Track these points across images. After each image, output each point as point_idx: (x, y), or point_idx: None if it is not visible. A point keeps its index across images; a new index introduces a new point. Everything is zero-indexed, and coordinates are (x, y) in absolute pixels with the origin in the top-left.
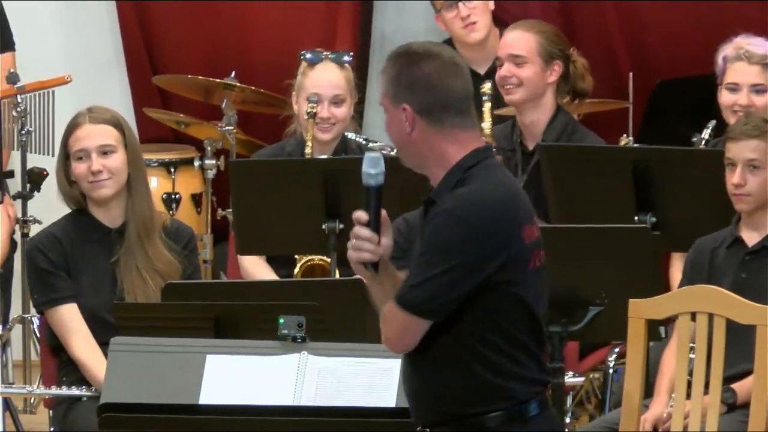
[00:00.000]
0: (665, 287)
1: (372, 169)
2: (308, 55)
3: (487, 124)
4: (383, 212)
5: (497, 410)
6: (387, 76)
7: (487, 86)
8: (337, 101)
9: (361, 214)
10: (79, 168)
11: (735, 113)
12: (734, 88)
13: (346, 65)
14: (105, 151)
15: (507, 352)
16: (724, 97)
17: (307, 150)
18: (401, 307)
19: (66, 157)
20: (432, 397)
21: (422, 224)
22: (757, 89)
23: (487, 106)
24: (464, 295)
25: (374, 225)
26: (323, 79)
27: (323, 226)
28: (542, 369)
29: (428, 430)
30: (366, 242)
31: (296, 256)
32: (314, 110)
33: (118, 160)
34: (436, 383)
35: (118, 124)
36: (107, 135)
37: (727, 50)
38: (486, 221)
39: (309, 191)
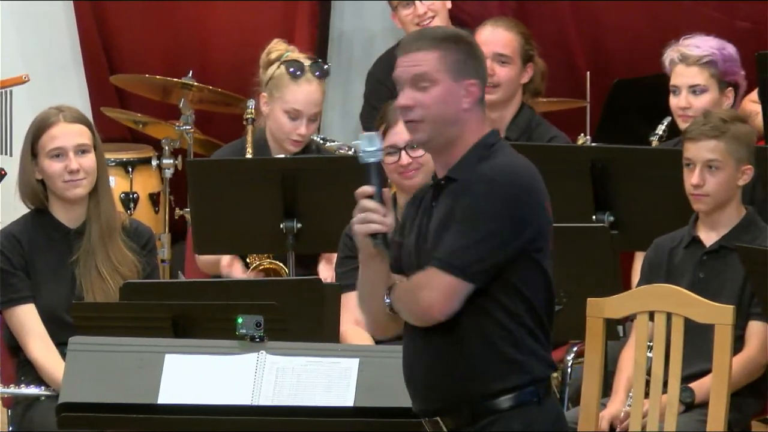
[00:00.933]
0: (624, 286)
1: (369, 147)
2: (291, 68)
3: None
4: (386, 190)
5: (514, 389)
6: (451, 52)
7: None
8: (314, 118)
9: (366, 188)
10: (53, 166)
11: (680, 116)
12: (675, 90)
13: (324, 80)
14: (82, 150)
15: (527, 324)
16: (670, 100)
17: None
18: (447, 271)
19: (33, 155)
20: (449, 376)
21: (431, 204)
22: (695, 90)
23: None
24: (506, 260)
25: (378, 200)
26: (306, 98)
27: (281, 225)
28: (549, 350)
29: (437, 418)
30: (373, 213)
31: (248, 260)
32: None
33: (91, 159)
34: (456, 359)
35: (90, 124)
36: (83, 134)
37: (669, 54)
38: (527, 189)
39: (267, 190)
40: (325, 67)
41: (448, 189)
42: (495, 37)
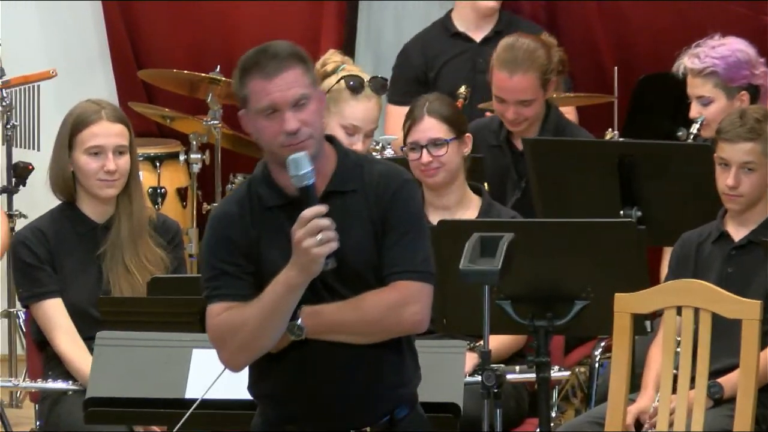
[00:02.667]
0: (652, 281)
1: (299, 171)
2: (350, 83)
3: None
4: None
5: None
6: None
7: (463, 89)
8: (370, 134)
9: (319, 207)
10: (91, 164)
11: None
12: (689, 102)
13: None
14: (120, 152)
15: None
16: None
17: None
18: (426, 281)
19: (69, 147)
20: (386, 385)
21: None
22: (703, 102)
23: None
24: None
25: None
26: (365, 114)
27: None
28: None
29: (366, 429)
30: (329, 231)
31: None
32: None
33: (127, 161)
34: (395, 367)
35: (128, 123)
36: (123, 135)
37: (678, 64)
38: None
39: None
40: (384, 81)
41: (347, 199)
42: (514, 86)
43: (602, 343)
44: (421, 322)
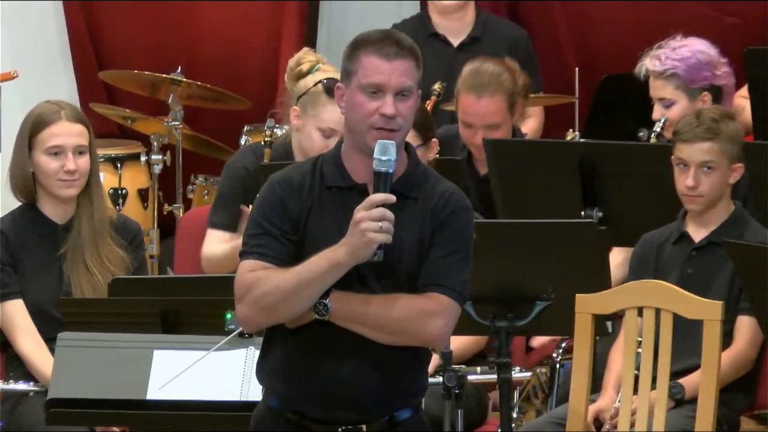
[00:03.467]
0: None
1: (385, 156)
2: (328, 85)
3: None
4: None
5: (418, 395)
6: None
7: (437, 85)
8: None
9: (388, 196)
10: (51, 164)
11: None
12: (652, 103)
13: None
14: (80, 151)
15: None
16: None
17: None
18: (458, 301)
19: (29, 148)
20: (396, 384)
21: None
22: (665, 104)
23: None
24: None
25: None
26: (332, 117)
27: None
28: None
29: (362, 426)
30: (388, 223)
31: None
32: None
33: (87, 161)
34: (406, 367)
35: (88, 124)
36: (83, 135)
37: (639, 66)
38: None
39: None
40: None
41: (406, 205)
42: (481, 109)
43: (563, 344)
44: (443, 337)
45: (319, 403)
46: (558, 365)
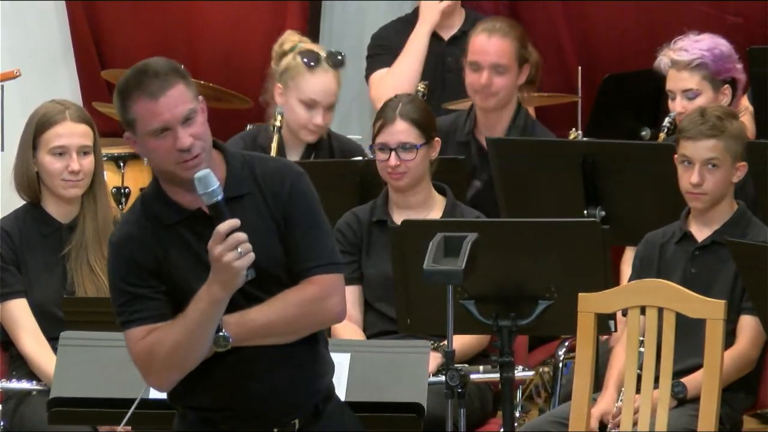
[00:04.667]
0: (615, 281)
1: (207, 188)
2: (305, 58)
3: None
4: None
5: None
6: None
7: (422, 85)
8: (330, 108)
9: (233, 221)
10: (55, 164)
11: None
12: (671, 95)
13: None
14: (84, 152)
15: None
16: (669, 104)
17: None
18: (337, 271)
19: (33, 147)
20: (307, 380)
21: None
22: (689, 95)
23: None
24: None
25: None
26: (323, 87)
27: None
28: None
29: (294, 421)
30: (246, 243)
31: None
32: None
33: (92, 161)
34: (313, 361)
35: (92, 124)
36: (87, 136)
37: (661, 59)
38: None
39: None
40: (340, 57)
41: (245, 202)
42: (491, 48)
43: (566, 343)
44: (342, 312)
45: (249, 416)
46: (561, 364)
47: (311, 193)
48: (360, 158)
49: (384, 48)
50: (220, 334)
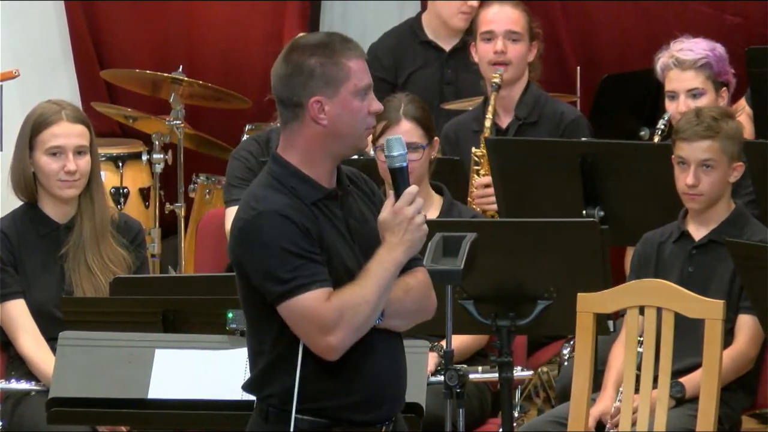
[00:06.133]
0: (616, 281)
1: (396, 151)
2: None
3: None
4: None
5: None
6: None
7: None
8: None
9: (415, 186)
10: (51, 164)
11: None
12: (673, 96)
13: None
14: (80, 152)
15: None
16: (667, 105)
17: None
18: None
19: (30, 148)
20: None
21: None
22: (694, 94)
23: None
24: None
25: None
26: None
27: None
28: None
29: (400, 414)
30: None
31: None
32: None
33: (88, 161)
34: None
35: (89, 124)
36: (83, 136)
37: (662, 59)
38: None
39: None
40: None
41: (350, 194)
42: (504, 15)
43: (571, 342)
44: (436, 306)
45: (365, 407)
46: (565, 363)
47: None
48: (360, 156)
49: (375, 68)
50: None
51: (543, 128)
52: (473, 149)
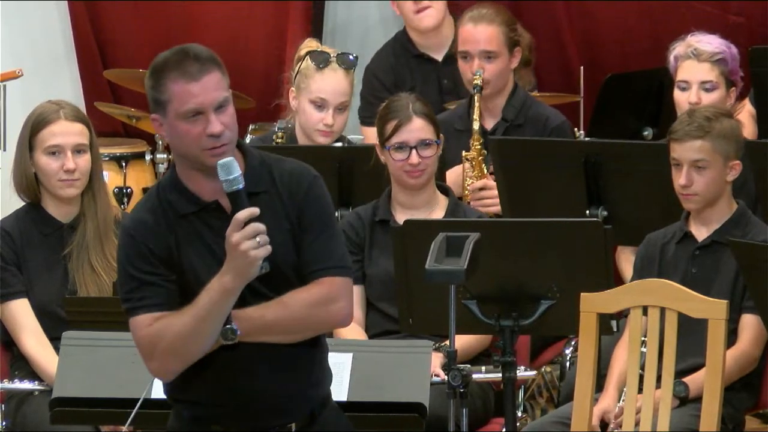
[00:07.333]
0: (616, 281)
1: (229, 175)
2: (315, 59)
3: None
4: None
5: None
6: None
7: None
8: (342, 108)
9: (251, 210)
10: (51, 164)
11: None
12: (685, 86)
13: (351, 70)
14: (79, 150)
15: None
16: (677, 95)
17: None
18: (346, 275)
19: (30, 148)
20: (306, 383)
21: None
22: (706, 87)
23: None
24: None
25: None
26: (332, 86)
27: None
28: None
29: (291, 425)
30: (263, 235)
31: None
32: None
33: (87, 160)
34: (312, 365)
35: (88, 122)
36: (82, 134)
37: (678, 49)
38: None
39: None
40: (351, 57)
41: (260, 200)
42: (478, 35)
43: (573, 342)
44: (348, 316)
45: (244, 417)
46: (568, 363)
47: (326, 197)
48: (339, 144)
49: (375, 88)
50: (228, 326)
51: (528, 131)
52: (463, 152)
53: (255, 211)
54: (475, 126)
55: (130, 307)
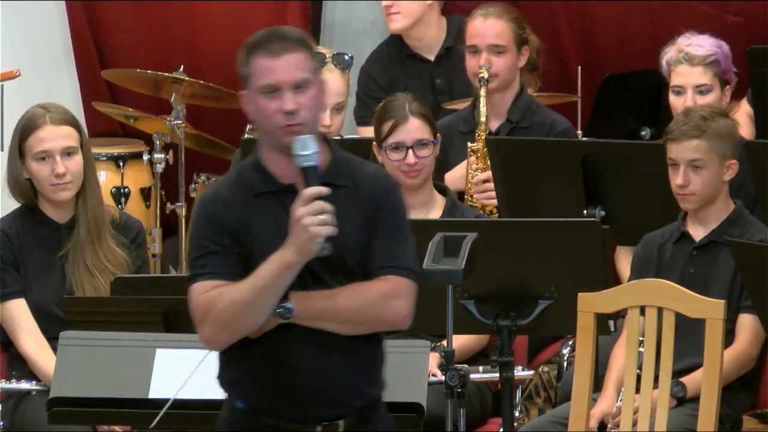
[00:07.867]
0: (614, 281)
1: (304, 151)
2: None
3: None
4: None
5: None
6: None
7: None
8: (338, 108)
9: (320, 188)
10: (42, 170)
11: None
12: (679, 91)
13: (347, 71)
14: (69, 153)
15: None
16: (672, 100)
17: None
18: (411, 278)
19: (21, 154)
20: (365, 379)
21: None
22: (701, 90)
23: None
24: None
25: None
26: (328, 87)
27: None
28: None
29: (338, 422)
30: (328, 215)
31: None
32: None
33: (78, 162)
34: (371, 363)
35: (76, 124)
36: (69, 137)
37: (669, 53)
38: None
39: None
40: (347, 57)
41: (340, 194)
42: (487, 29)
43: (570, 342)
44: (407, 317)
45: (294, 405)
46: (566, 363)
47: (403, 205)
48: (340, 137)
49: (370, 88)
50: (285, 304)
51: (533, 135)
52: (469, 144)
53: (323, 190)
54: (482, 118)
55: (192, 274)
